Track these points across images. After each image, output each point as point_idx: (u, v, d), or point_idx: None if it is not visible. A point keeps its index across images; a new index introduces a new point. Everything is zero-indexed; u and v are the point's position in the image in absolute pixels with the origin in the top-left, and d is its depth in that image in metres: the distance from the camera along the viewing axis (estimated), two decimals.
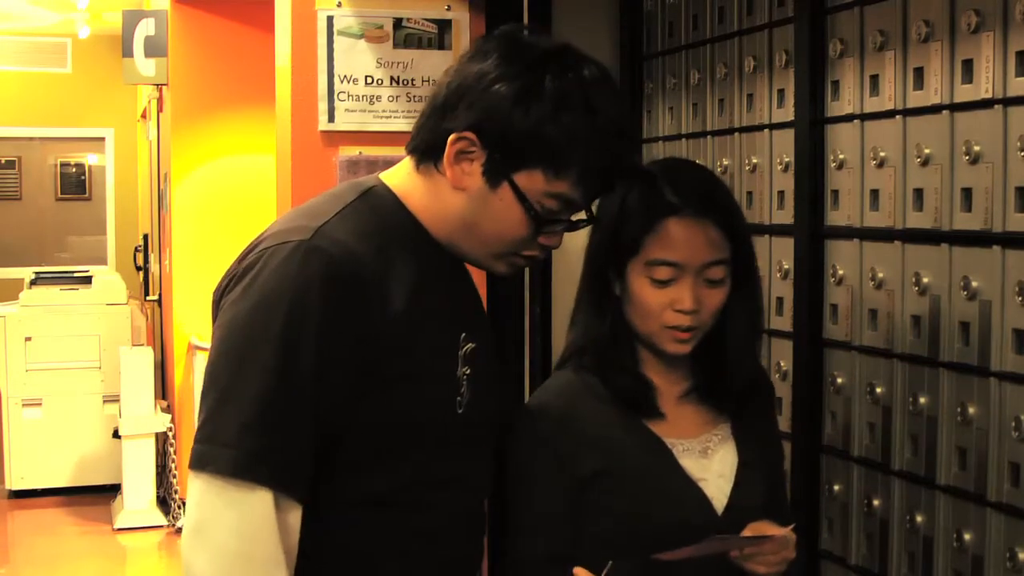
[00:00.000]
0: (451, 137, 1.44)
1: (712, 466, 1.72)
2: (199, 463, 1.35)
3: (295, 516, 1.38)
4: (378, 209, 1.49)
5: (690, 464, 1.71)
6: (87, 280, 6.91)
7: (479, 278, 2.68)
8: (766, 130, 2.36)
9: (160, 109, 6.61)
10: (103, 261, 10.10)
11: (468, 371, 1.50)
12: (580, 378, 1.76)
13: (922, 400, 1.96)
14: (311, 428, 1.37)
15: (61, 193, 10.50)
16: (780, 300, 2.33)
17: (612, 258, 1.71)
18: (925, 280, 1.95)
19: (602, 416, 1.72)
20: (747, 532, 1.64)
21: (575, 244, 1.78)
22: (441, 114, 1.46)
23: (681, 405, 1.76)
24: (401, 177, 1.54)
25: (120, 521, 5.89)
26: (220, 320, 1.42)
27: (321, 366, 1.36)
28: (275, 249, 1.40)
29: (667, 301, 1.66)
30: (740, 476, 1.72)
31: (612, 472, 1.69)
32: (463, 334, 1.51)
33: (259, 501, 1.34)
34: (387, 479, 1.44)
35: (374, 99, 2.58)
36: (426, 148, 1.49)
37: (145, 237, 7.76)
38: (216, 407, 1.36)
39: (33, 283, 6.87)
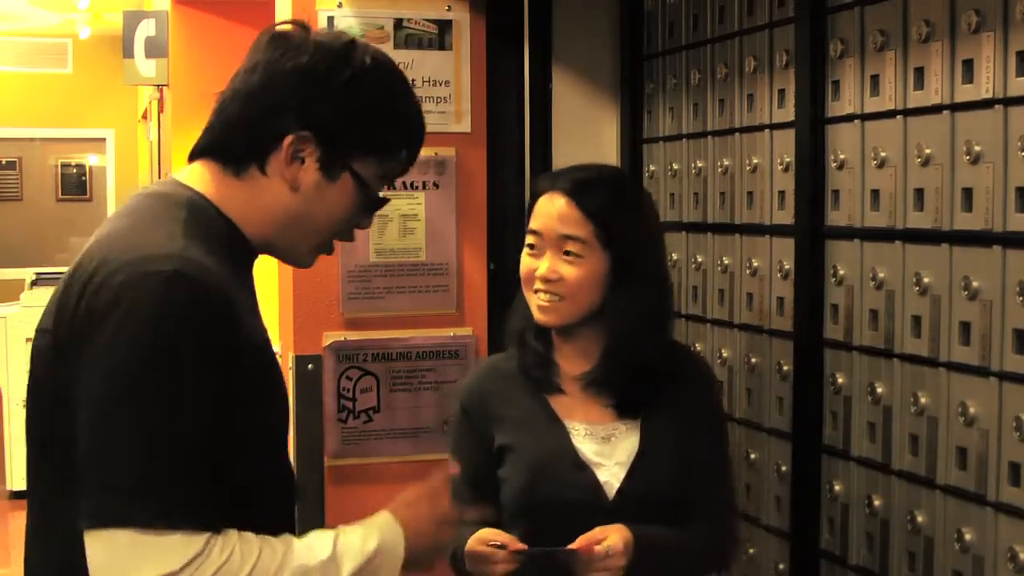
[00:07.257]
0: (288, 139, 1.42)
1: (614, 453, 1.85)
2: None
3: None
4: (208, 222, 1.43)
5: (590, 448, 1.85)
6: None
7: (478, 280, 2.70)
8: (766, 130, 2.36)
9: (161, 110, 6.61)
10: None
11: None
12: (505, 360, 1.98)
13: (922, 400, 1.96)
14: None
15: (62, 194, 10.52)
16: (780, 300, 2.33)
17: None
18: (925, 280, 1.95)
19: (512, 395, 1.92)
20: (579, 542, 1.73)
21: None
22: (260, 116, 1.44)
23: (591, 392, 1.90)
24: (208, 183, 1.47)
25: None
26: (104, 363, 1.30)
27: (210, 393, 1.31)
28: (140, 280, 1.30)
29: (533, 268, 1.88)
30: (636, 465, 1.84)
31: (512, 447, 1.87)
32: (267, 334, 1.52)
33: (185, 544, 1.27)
34: (246, 483, 1.40)
35: None
36: (246, 152, 1.45)
37: None
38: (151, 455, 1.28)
39: (34, 284, 6.88)
